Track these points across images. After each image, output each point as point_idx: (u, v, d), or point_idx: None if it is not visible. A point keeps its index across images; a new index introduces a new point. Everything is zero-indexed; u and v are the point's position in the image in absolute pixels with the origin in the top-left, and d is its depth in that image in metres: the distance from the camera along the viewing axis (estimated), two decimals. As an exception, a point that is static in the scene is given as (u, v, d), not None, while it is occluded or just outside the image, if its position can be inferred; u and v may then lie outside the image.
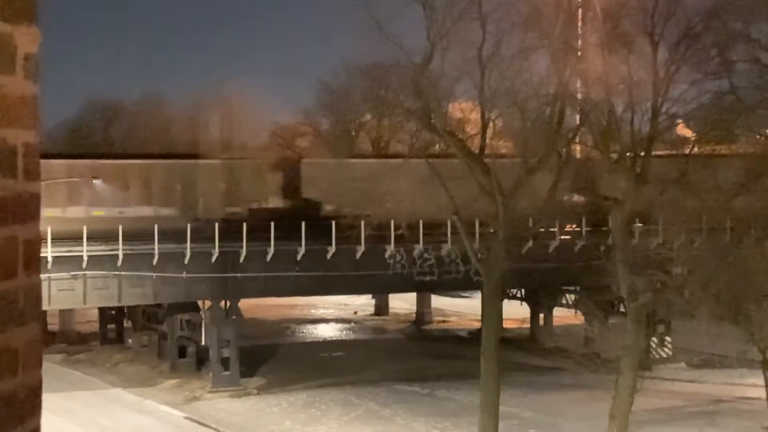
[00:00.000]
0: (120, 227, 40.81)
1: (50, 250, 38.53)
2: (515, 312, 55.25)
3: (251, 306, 52.51)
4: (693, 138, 38.67)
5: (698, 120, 37.11)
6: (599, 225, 43.01)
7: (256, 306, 56.27)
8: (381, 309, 67.10)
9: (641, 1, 33.30)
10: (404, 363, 48.23)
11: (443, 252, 44.79)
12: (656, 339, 47.52)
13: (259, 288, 44.44)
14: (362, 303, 68.08)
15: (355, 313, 67.45)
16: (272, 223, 42.71)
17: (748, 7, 34.77)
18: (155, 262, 41.56)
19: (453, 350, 51.29)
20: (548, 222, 42.27)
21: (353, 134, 67.23)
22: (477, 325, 46.58)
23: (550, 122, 33.71)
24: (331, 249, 43.53)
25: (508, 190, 32.24)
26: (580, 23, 34.55)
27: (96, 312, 54.92)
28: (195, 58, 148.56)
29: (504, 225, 32.32)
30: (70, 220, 42.86)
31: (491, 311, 34.04)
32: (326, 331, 61.49)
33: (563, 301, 54.71)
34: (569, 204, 44.58)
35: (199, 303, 45.67)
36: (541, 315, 56.10)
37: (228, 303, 44.09)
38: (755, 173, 35.22)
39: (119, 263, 41.14)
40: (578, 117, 35.62)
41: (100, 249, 41.25)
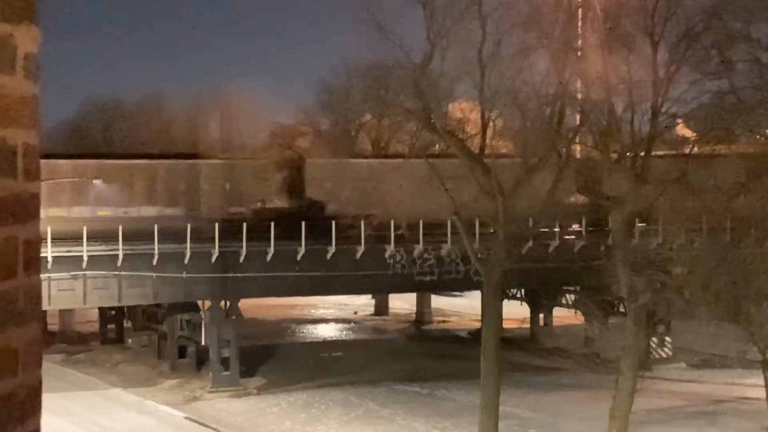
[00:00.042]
0: (120, 227, 40.78)
1: (50, 250, 38.52)
2: (515, 312, 55.23)
3: (251, 306, 52.49)
4: (693, 138, 38.65)
5: (698, 120, 37.08)
6: (599, 225, 42.99)
7: (256, 306, 56.24)
8: (381, 309, 67.06)
9: (641, 1, 33.31)
10: (404, 363, 48.22)
11: (443, 252, 44.76)
12: (656, 339, 47.50)
13: (259, 288, 44.41)
14: (362, 303, 68.05)
15: (355, 313, 67.41)
16: (272, 223, 42.71)
17: (748, 7, 34.77)
18: (155, 262, 41.55)
19: (453, 350, 51.28)
20: (548, 222, 42.25)
21: (353, 134, 67.22)
22: (477, 325, 46.54)
23: (550, 122, 33.72)
24: (331, 249, 43.51)
25: (508, 190, 32.25)
26: (580, 23, 34.57)
27: (96, 312, 54.91)
28: (195, 58, 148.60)
29: (504, 225, 32.32)
30: (76, 220, 42.93)
31: (491, 311, 34.03)
32: (326, 331, 61.47)
33: (563, 301, 54.67)
34: (570, 204, 44.59)
35: (199, 303, 45.68)
36: (541, 315, 56.09)
37: (228, 303, 44.08)
38: (755, 173, 35.24)
39: (119, 263, 41.14)
40: (578, 117, 35.61)
41: (100, 249, 41.23)
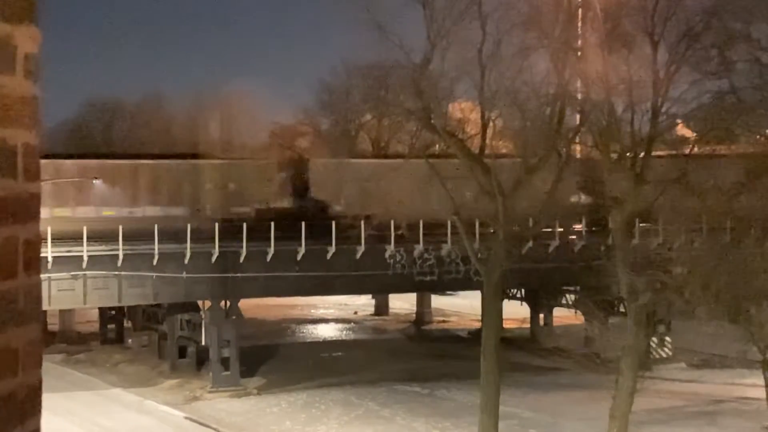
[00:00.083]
0: (120, 228, 40.78)
1: (50, 250, 38.52)
2: (515, 312, 55.22)
3: (251, 306, 52.48)
4: (693, 138, 38.65)
5: (698, 120, 37.08)
6: (600, 225, 42.99)
7: (256, 306, 56.24)
8: (381, 309, 67.05)
9: (641, 1, 33.31)
10: (404, 363, 48.21)
11: (443, 252, 44.76)
12: (656, 339, 47.49)
13: (259, 288, 44.40)
14: (362, 303, 68.05)
15: (355, 313, 67.41)
16: (272, 223, 42.71)
17: (748, 7, 34.76)
18: (155, 262, 41.55)
19: (453, 350, 51.26)
20: (548, 222, 42.25)
21: (353, 134, 67.22)
22: (477, 325, 46.56)
23: (550, 122, 33.72)
24: (331, 249, 43.51)
25: (508, 190, 32.24)
26: (580, 23, 34.55)
27: (96, 312, 54.92)
28: (195, 58, 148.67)
29: (504, 225, 32.33)
30: (81, 220, 43.00)
31: (491, 311, 34.03)
32: (326, 331, 61.47)
33: (563, 301, 54.67)
34: (570, 204, 44.57)
35: (199, 303, 45.68)
36: (541, 315, 56.07)
37: (228, 303, 44.08)
38: (755, 173, 35.22)
39: (119, 263, 41.14)
40: (578, 117, 35.61)
41: (100, 249, 41.23)
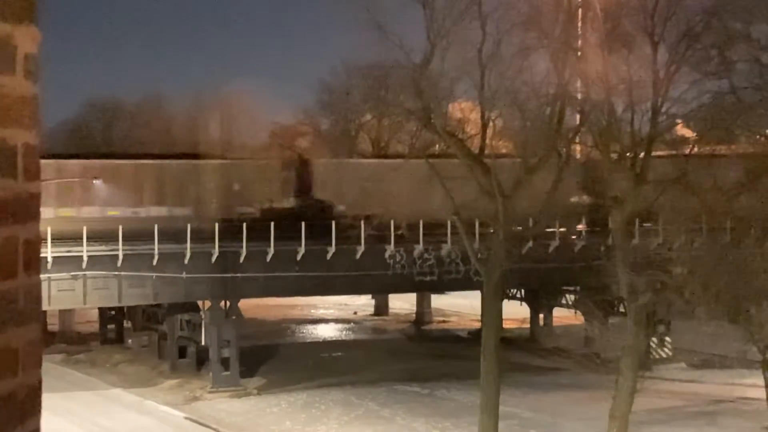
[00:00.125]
0: (120, 228, 40.79)
1: (50, 250, 38.52)
2: (515, 312, 55.22)
3: (251, 306, 52.49)
4: (693, 138, 38.65)
5: (698, 120, 37.07)
6: (600, 225, 42.98)
7: (256, 306, 56.24)
8: (381, 309, 67.04)
9: (641, 1, 33.29)
10: (404, 363, 48.21)
11: (443, 252, 44.76)
12: (656, 339, 47.49)
13: (259, 288, 44.40)
14: (362, 303, 68.04)
15: (355, 314, 67.40)
16: (272, 223, 42.72)
17: (748, 7, 34.75)
18: (155, 262, 41.55)
19: (453, 350, 51.27)
20: (548, 222, 42.25)
21: (353, 134, 67.23)
22: (477, 325, 46.53)
23: (550, 122, 33.71)
24: (331, 249, 43.51)
25: (508, 190, 32.25)
26: (580, 23, 34.55)
27: (96, 312, 54.92)
28: (195, 58, 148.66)
29: (504, 225, 32.32)
30: (86, 220, 43.08)
31: (491, 311, 34.02)
32: (326, 331, 61.48)
33: (563, 301, 54.67)
34: (570, 204, 44.57)
35: (199, 303, 45.68)
36: (541, 315, 56.06)
37: (228, 303, 44.08)
38: (755, 173, 35.21)
39: (119, 263, 41.14)
40: (578, 117, 35.61)
41: (100, 249, 41.23)
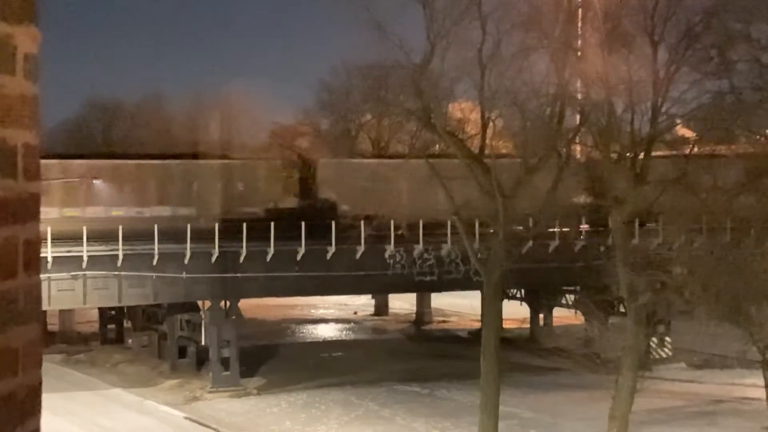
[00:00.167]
0: (120, 228, 40.80)
1: (50, 250, 38.52)
2: (515, 312, 55.22)
3: (251, 306, 52.49)
4: (693, 138, 38.66)
5: (698, 120, 37.07)
6: (600, 225, 42.98)
7: (256, 306, 56.24)
8: (381, 309, 67.04)
9: (641, 1, 33.29)
10: (404, 363, 48.20)
11: (443, 252, 44.75)
12: (656, 339, 47.49)
13: (259, 288, 44.40)
14: (362, 303, 68.03)
15: (355, 314, 67.40)
16: (272, 223, 42.72)
17: (748, 7, 34.73)
18: (155, 262, 41.55)
19: (453, 350, 51.26)
20: (548, 222, 42.23)
21: (353, 134, 67.23)
22: (477, 325, 46.53)
23: (550, 122, 33.72)
24: (331, 249, 43.51)
25: (508, 190, 32.24)
26: (580, 23, 34.54)
27: (96, 312, 54.91)
28: (195, 58, 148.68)
29: (504, 225, 32.32)
30: (91, 220, 43.17)
31: (491, 311, 34.01)
32: (326, 331, 61.47)
33: (563, 301, 54.67)
34: (570, 204, 44.55)
35: (199, 303, 45.67)
36: (541, 315, 56.07)
37: (228, 303, 44.08)
38: (755, 173, 35.21)
39: (119, 263, 41.14)
40: (578, 117, 35.61)
41: (100, 249, 41.23)
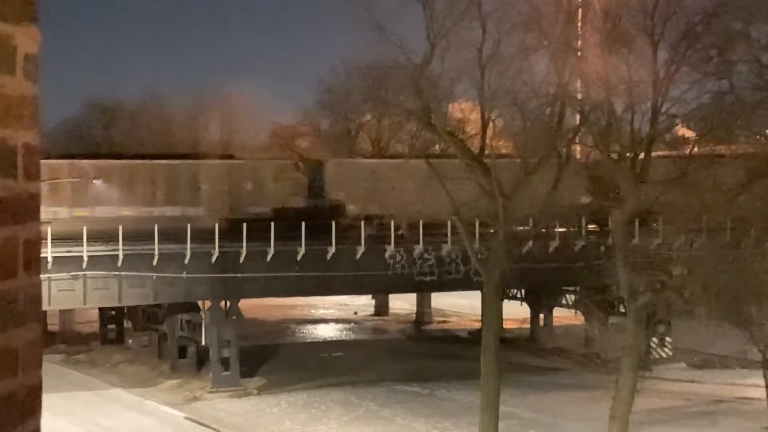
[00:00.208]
0: (120, 228, 40.81)
1: (50, 250, 38.52)
2: (515, 312, 55.21)
3: (251, 306, 52.48)
4: (693, 138, 38.66)
5: (698, 120, 37.09)
6: (601, 225, 42.99)
7: (256, 306, 56.24)
8: (381, 309, 67.03)
9: (641, 1, 33.29)
10: (404, 363, 48.20)
11: (443, 252, 44.74)
12: (656, 339, 47.50)
13: (259, 288, 44.39)
14: (362, 303, 68.03)
15: (355, 314, 67.39)
16: (272, 224, 42.72)
17: (748, 7, 34.75)
18: (155, 262, 41.54)
19: (453, 350, 51.27)
20: (548, 222, 42.23)
21: (353, 134, 67.24)
22: (477, 325, 46.53)
23: (550, 122, 33.71)
24: (331, 249, 43.50)
25: (508, 190, 32.24)
26: (580, 23, 34.54)
27: (96, 312, 54.91)
28: (195, 58, 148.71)
29: (504, 225, 32.32)
30: (102, 220, 43.31)
31: (491, 311, 34.01)
32: (326, 332, 61.47)
33: (563, 301, 54.67)
34: (570, 204, 44.55)
35: (199, 303, 45.68)
36: (541, 315, 56.07)
37: (228, 303, 44.08)
38: (755, 173, 35.20)
39: (119, 263, 41.13)
40: (578, 117, 35.61)
41: (100, 249, 41.24)
